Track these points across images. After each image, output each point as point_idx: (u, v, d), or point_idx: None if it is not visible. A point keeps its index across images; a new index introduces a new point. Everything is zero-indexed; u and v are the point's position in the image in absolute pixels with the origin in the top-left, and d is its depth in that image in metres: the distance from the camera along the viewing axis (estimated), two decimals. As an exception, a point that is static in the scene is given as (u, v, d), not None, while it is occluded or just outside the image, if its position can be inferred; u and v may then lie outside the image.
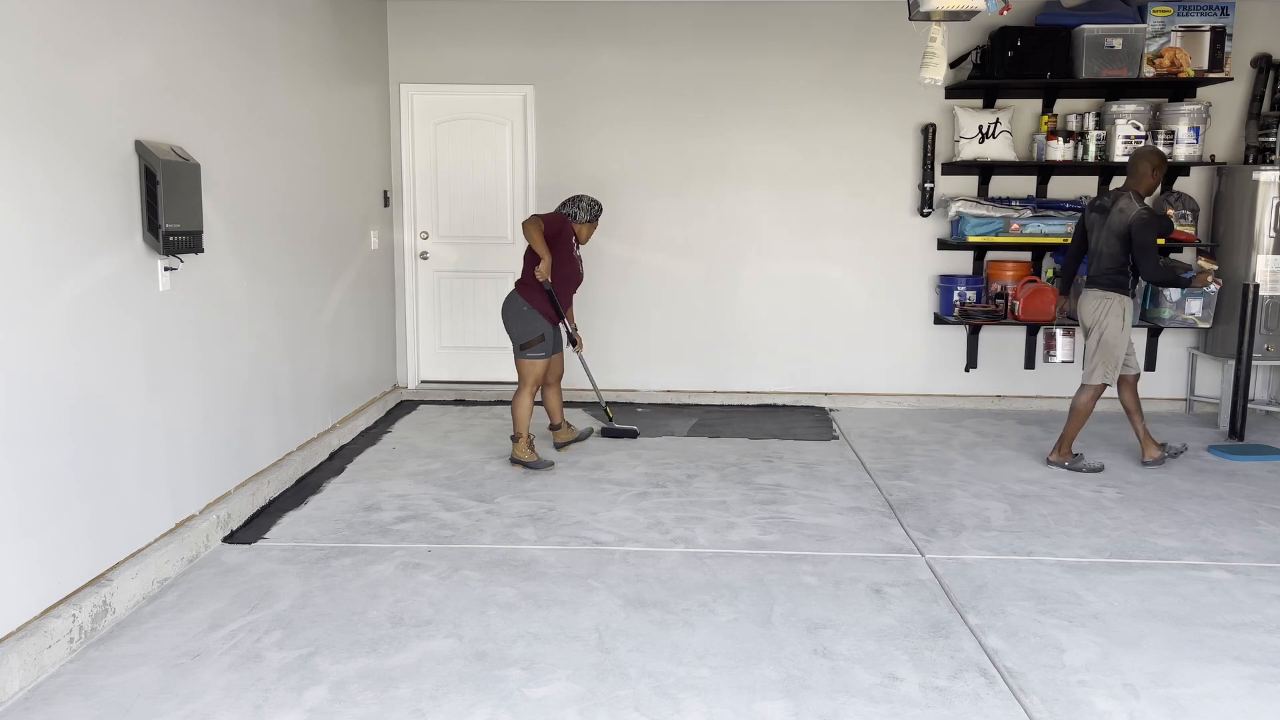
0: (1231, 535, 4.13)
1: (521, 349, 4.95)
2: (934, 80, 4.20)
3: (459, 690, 2.79)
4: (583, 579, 3.60)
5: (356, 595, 3.44)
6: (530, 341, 4.93)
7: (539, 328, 4.95)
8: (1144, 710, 2.72)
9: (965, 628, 3.22)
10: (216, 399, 4.11)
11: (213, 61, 4.08)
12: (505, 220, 6.71)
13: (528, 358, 4.95)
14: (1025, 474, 5.02)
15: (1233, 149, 6.39)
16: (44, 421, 3.00)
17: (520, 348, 4.95)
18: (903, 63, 6.23)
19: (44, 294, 3.00)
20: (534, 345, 4.93)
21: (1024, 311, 6.25)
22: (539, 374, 5.00)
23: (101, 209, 3.29)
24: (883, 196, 6.53)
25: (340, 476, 4.90)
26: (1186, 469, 5.14)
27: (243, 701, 2.72)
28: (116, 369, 3.38)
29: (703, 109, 6.51)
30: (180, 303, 3.79)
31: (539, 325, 4.95)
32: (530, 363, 4.96)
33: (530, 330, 4.93)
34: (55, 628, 2.93)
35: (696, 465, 5.15)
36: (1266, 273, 5.91)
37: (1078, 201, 6.35)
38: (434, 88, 6.57)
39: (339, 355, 5.59)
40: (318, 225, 5.25)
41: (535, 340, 4.93)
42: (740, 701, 2.74)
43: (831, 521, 4.27)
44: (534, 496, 4.58)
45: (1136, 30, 5.91)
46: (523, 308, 4.95)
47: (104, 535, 3.30)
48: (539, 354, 4.95)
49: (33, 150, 2.94)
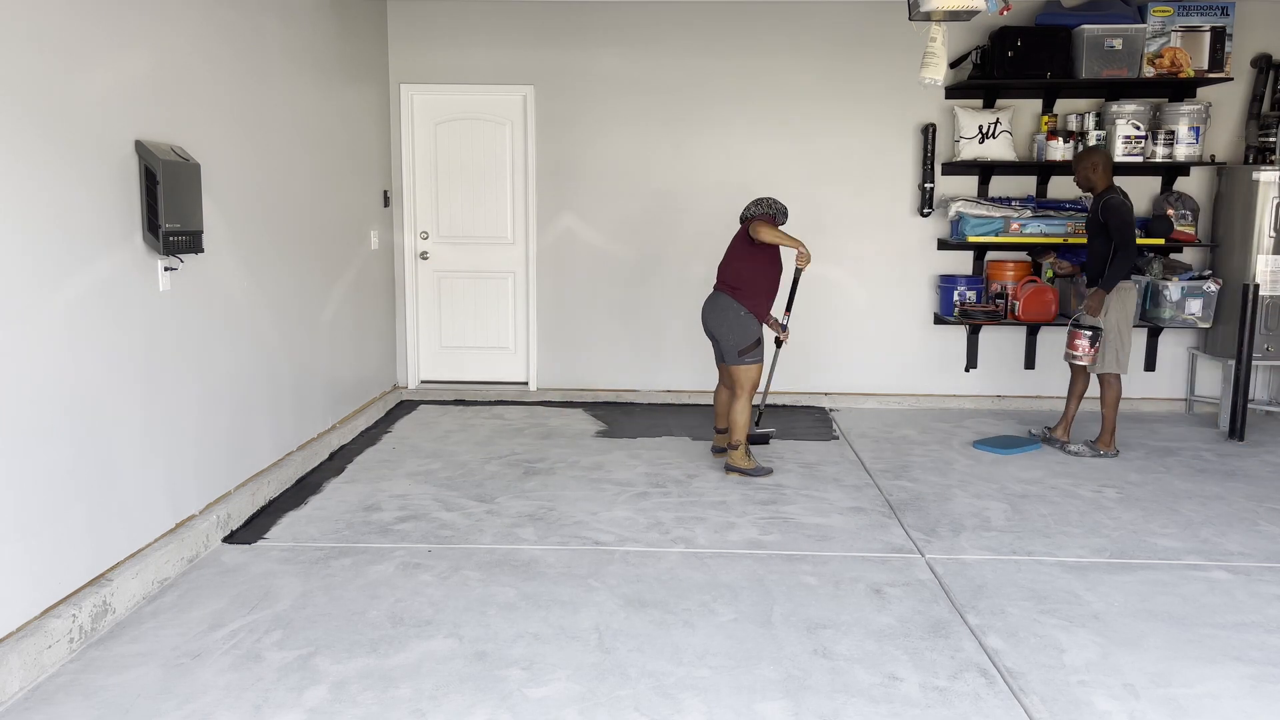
0: (1231, 535, 4.13)
1: (740, 354, 4.85)
2: (934, 80, 4.20)
3: (459, 690, 2.79)
4: (583, 579, 3.60)
5: (356, 595, 3.44)
6: (749, 346, 4.85)
7: (756, 330, 4.87)
8: (1144, 710, 2.72)
9: (965, 628, 3.22)
10: (216, 399, 4.11)
11: (213, 62, 4.08)
12: (505, 220, 6.72)
13: (747, 362, 4.85)
14: (1025, 474, 5.02)
15: (1233, 149, 6.39)
16: (44, 421, 3.00)
17: (739, 353, 4.85)
18: (903, 62, 6.23)
19: (44, 294, 3.00)
20: (753, 350, 4.86)
21: (1024, 311, 6.25)
22: (757, 377, 4.90)
23: (101, 209, 3.29)
24: (883, 196, 6.54)
25: (340, 476, 4.90)
26: (1186, 469, 5.14)
27: (243, 701, 2.72)
28: (116, 369, 3.38)
29: (703, 108, 6.51)
30: (180, 303, 3.79)
31: (756, 328, 4.88)
32: (750, 367, 4.86)
33: (750, 335, 4.85)
34: (55, 628, 2.93)
35: (696, 465, 5.15)
36: (1266, 273, 5.91)
37: (1078, 201, 6.35)
38: (434, 88, 6.57)
39: (339, 355, 5.60)
40: (318, 225, 5.25)
41: (753, 345, 4.86)
42: (740, 701, 2.74)
43: (831, 521, 4.27)
44: (534, 496, 4.58)
45: (1136, 30, 5.91)
46: (740, 312, 4.85)
47: (104, 535, 3.30)
48: (758, 358, 4.88)
49: (33, 150, 2.94)
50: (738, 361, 4.86)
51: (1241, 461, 5.31)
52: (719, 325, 4.92)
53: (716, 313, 4.93)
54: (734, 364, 4.88)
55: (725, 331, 4.88)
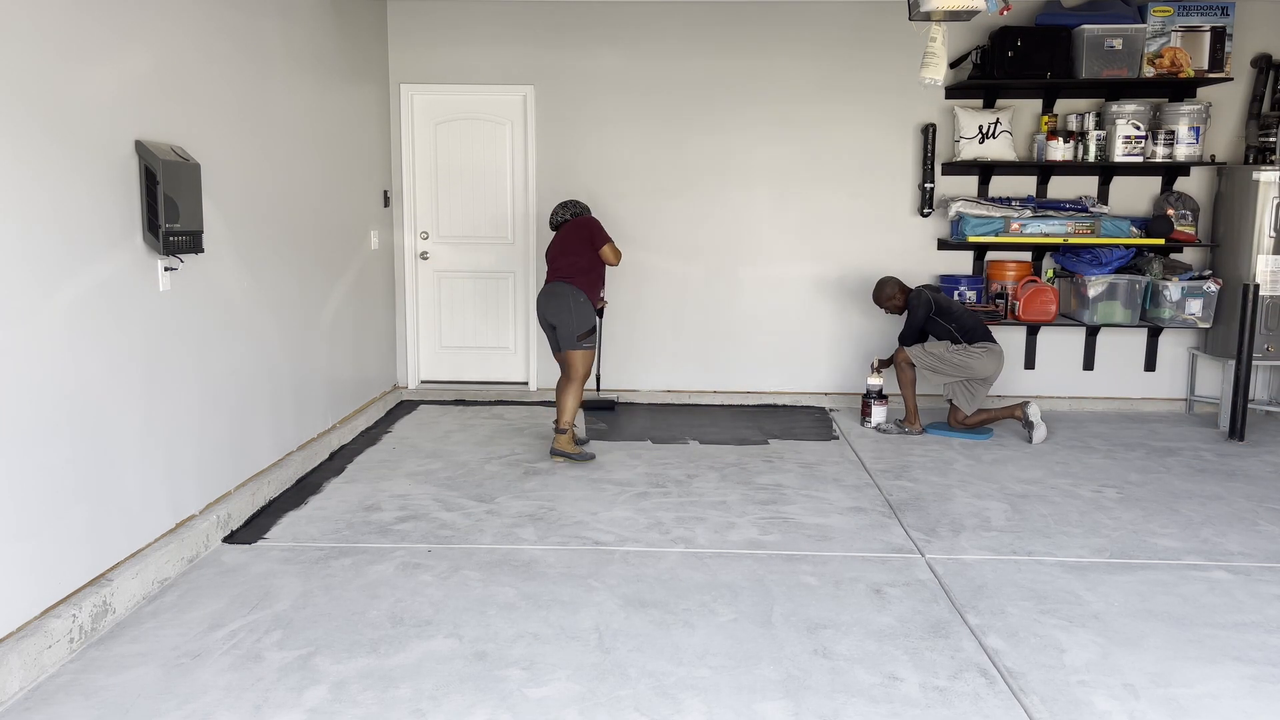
0: (1231, 535, 4.13)
1: (579, 339, 5.07)
2: (934, 80, 4.20)
3: (459, 690, 2.79)
4: (583, 579, 3.60)
5: (356, 595, 3.44)
6: (586, 332, 5.08)
7: (592, 318, 5.12)
8: (1144, 710, 2.72)
9: (965, 628, 3.22)
10: (216, 399, 4.11)
11: (213, 62, 4.08)
12: (505, 220, 6.72)
13: (584, 348, 5.09)
14: (1025, 474, 5.02)
15: (1233, 149, 6.39)
16: (44, 421, 3.00)
17: (578, 338, 5.07)
18: (903, 63, 6.24)
19: (44, 294, 3.00)
20: (589, 336, 5.10)
21: (1024, 311, 6.25)
22: (591, 363, 5.15)
23: (101, 209, 3.29)
24: (883, 196, 6.54)
25: (340, 476, 4.90)
26: (1186, 469, 5.14)
27: (243, 701, 2.72)
28: (116, 369, 3.38)
29: (703, 109, 6.51)
30: (180, 303, 3.79)
31: (592, 316, 5.13)
32: (587, 352, 5.11)
33: (587, 321, 5.09)
34: (55, 628, 2.93)
35: (696, 465, 5.15)
36: (1266, 273, 5.91)
37: (1078, 202, 6.35)
38: (434, 88, 6.57)
39: (339, 355, 5.60)
40: (318, 225, 5.25)
41: (589, 331, 5.10)
42: (740, 701, 2.74)
43: (831, 521, 4.27)
44: (534, 496, 4.58)
45: (1136, 30, 5.91)
46: (579, 298, 5.08)
47: (104, 535, 3.30)
48: (593, 344, 5.13)
49: (33, 150, 2.94)
50: (576, 346, 5.09)
51: (1242, 462, 5.31)
52: (559, 312, 5.11)
53: (556, 301, 5.13)
54: (572, 349, 5.10)
55: (565, 318, 5.09)
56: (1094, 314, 6.20)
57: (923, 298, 5.77)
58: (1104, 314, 6.21)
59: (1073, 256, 6.31)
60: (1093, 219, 6.18)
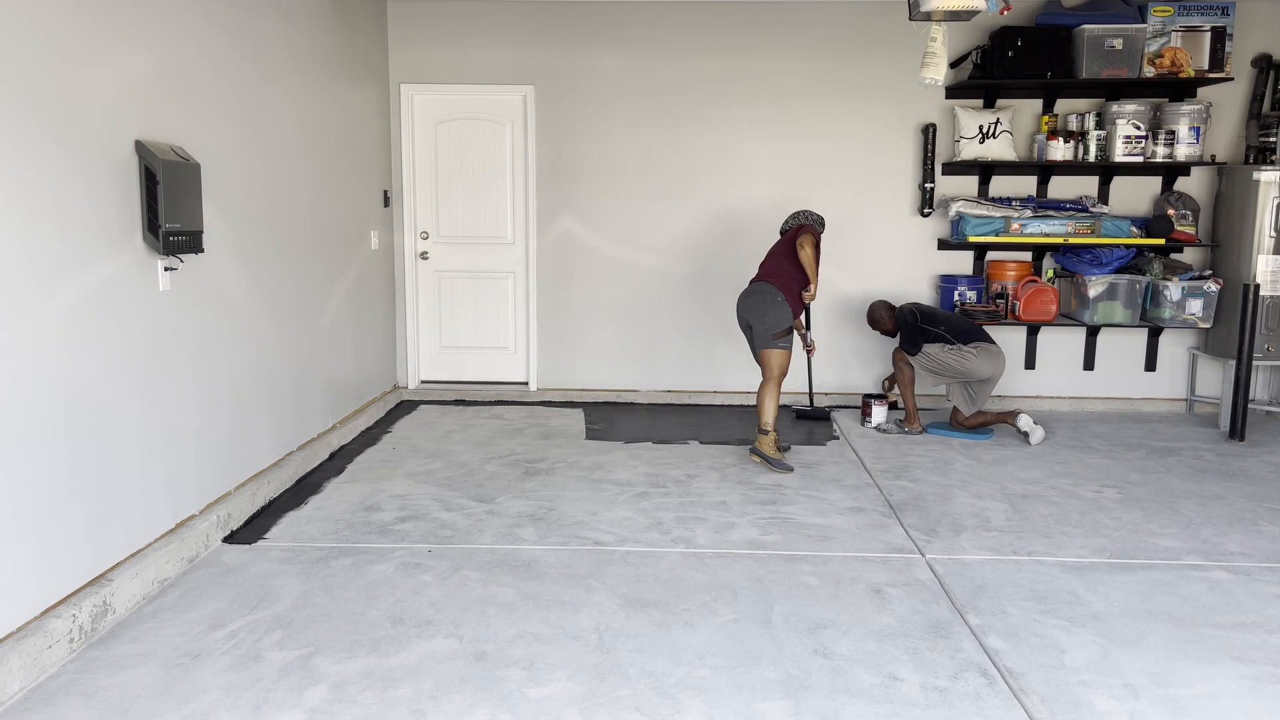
0: (1231, 535, 4.13)
1: (774, 338, 5.01)
2: (934, 80, 4.20)
3: (459, 690, 2.79)
4: (583, 579, 3.60)
5: (356, 595, 3.44)
6: (782, 332, 5.02)
7: (789, 318, 5.05)
8: (1144, 710, 2.72)
9: (965, 628, 3.22)
10: (216, 399, 4.11)
11: (213, 62, 4.08)
12: (505, 220, 6.72)
13: (779, 347, 5.02)
14: (1025, 474, 5.02)
15: (1233, 149, 6.39)
16: (44, 421, 2.99)
17: (773, 336, 5.01)
18: (903, 62, 6.24)
19: (44, 294, 3.00)
20: (785, 336, 5.03)
21: (1025, 311, 6.25)
22: (786, 365, 5.06)
23: (101, 209, 3.29)
24: (883, 196, 6.54)
25: (340, 476, 4.90)
26: (1187, 469, 5.14)
27: (243, 701, 2.72)
28: (116, 369, 3.38)
29: (703, 109, 6.51)
30: (180, 303, 3.79)
31: (789, 317, 5.05)
32: (781, 352, 5.03)
33: (784, 320, 5.01)
34: (55, 628, 2.93)
35: (696, 465, 5.15)
36: (1266, 273, 5.91)
37: (1078, 201, 6.35)
38: (434, 88, 6.57)
39: (339, 355, 5.59)
40: (318, 225, 5.25)
41: (785, 331, 5.03)
42: (740, 702, 2.74)
43: (832, 522, 4.27)
44: (534, 497, 4.58)
45: (1137, 30, 5.91)
46: (778, 297, 5.02)
47: (104, 535, 3.30)
48: (788, 345, 5.06)
49: (33, 150, 2.94)
50: (770, 345, 5.00)
51: (1242, 462, 5.30)
52: (755, 309, 5.06)
53: (754, 299, 5.09)
54: (766, 348, 5.01)
55: (762, 314, 5.02)
56: (1094, 314, 6.19)
57: (905, 310, 5.83)
58: (1104, 314, 6.21)
59: (1073, 256, 6.31)
60: (1093, 219, 6.18)
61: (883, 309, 5.98)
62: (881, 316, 5.97)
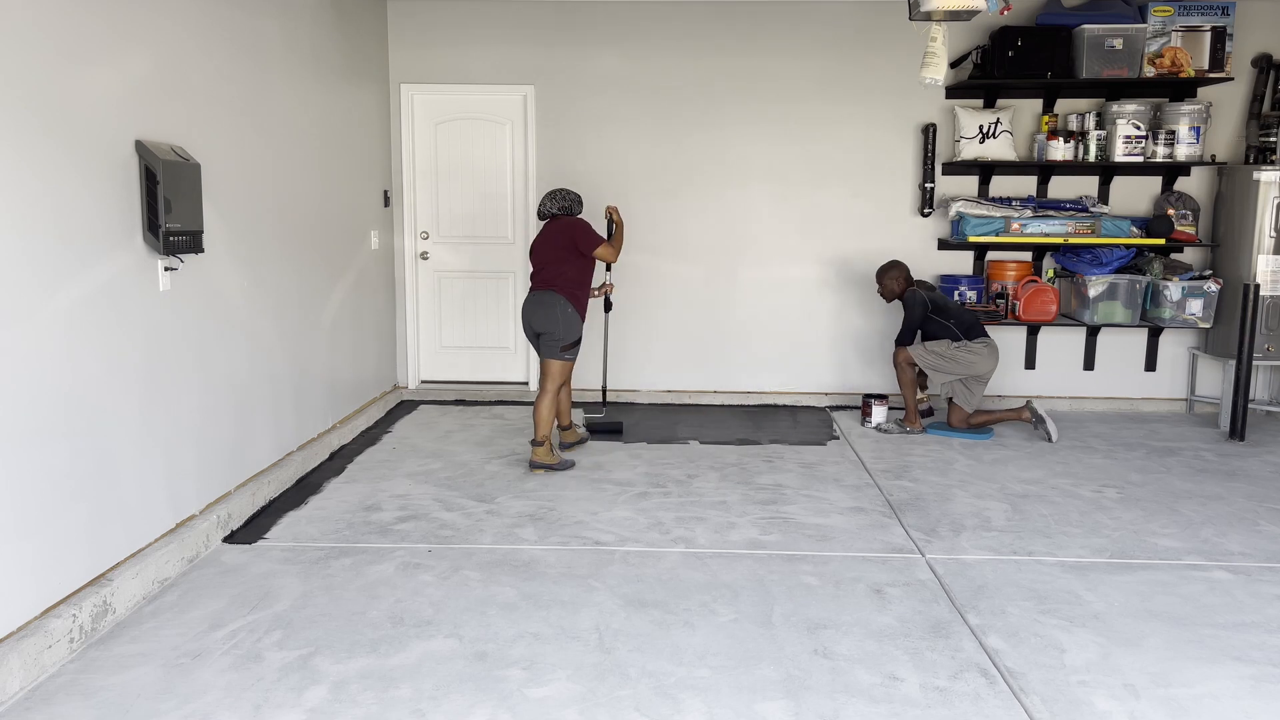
0: (1232, 535, 4.13)
1: (563, 350, 4.98)
2: (934, 80, 4.20)
3: (459, 690, 2.79)
4: (583, 579, 3.60)
5: (356, 595, 3.44)
6: (573, 343, 5.00)
7: (579, 330, 5.03)
8: (1144, 710, 2.72)
9: (966, 628, 3.22)
10: (216, 399, 4.11)
11: (213, 62, 4.08)
12: (505, 220, 6.71)
13: (565, 358, 5.00)
14: (1025, 474, 5.02)
15: (1233, 149, 6.39)
16: (44, 421, 2.99)
17: (563, 348, 4.98)
18: (903, 62, 6.23)
19: (44, 294, 3.00)
20: (573, 347, 5.01)
21: (1025, 311, 6.25)
22: (566, 375, 5.07)
23: (102, 208, 3.29)
24: (883, 196, 6.54)
25: (340, 476, 4.90)
26: (1187, 469, 5.14)
27: (243, 701, 2.72)
28: (117, 368, 3.38)
29: (703, 109, 6.51)
30: (180, 303, 3.79)
31: (580, 328, 5.03)
32: (566, 364, 5.02)
33: (574, 332, 4.99)
34: (55, 628, 2.93)
35: (696, 465, 5.15)
36: (1266, 273, 5.91)
37: (1078, 201, 6.35)
38: (434, 88, 6.57)
39: (339, 355, 5.59)
40: (318, 225, 5.25)
41: (574, 343, 5.01)
42: (740, 701, 2.74)
43: (832, 521, 4.27)
44: (534, 496, 4.58)
45: (1137, 30, 5.91)
46: (568, 309, 4.97)
47: (104, 535, 3.30)
48: (574, 356, 5.05)
49: (34, 150, 2.94)
50: (557, 357, 4.99)
51: (1242, 462, 5.30)
52: (547, 321, 4.99)
53: (544, 310, 5.00)
54: (552, 358, 4.99)
55: (553, 326, 4.97)
56: (1094, 314, 6.19)
57: (918, 298, 5.76)
58: (1104, 314, 6.21)
59: (1073, 256, 6.31)
60: (1093, 219, 6.18)
61: (898, 274, 5.85)
62: (893, 280, 5.85)
